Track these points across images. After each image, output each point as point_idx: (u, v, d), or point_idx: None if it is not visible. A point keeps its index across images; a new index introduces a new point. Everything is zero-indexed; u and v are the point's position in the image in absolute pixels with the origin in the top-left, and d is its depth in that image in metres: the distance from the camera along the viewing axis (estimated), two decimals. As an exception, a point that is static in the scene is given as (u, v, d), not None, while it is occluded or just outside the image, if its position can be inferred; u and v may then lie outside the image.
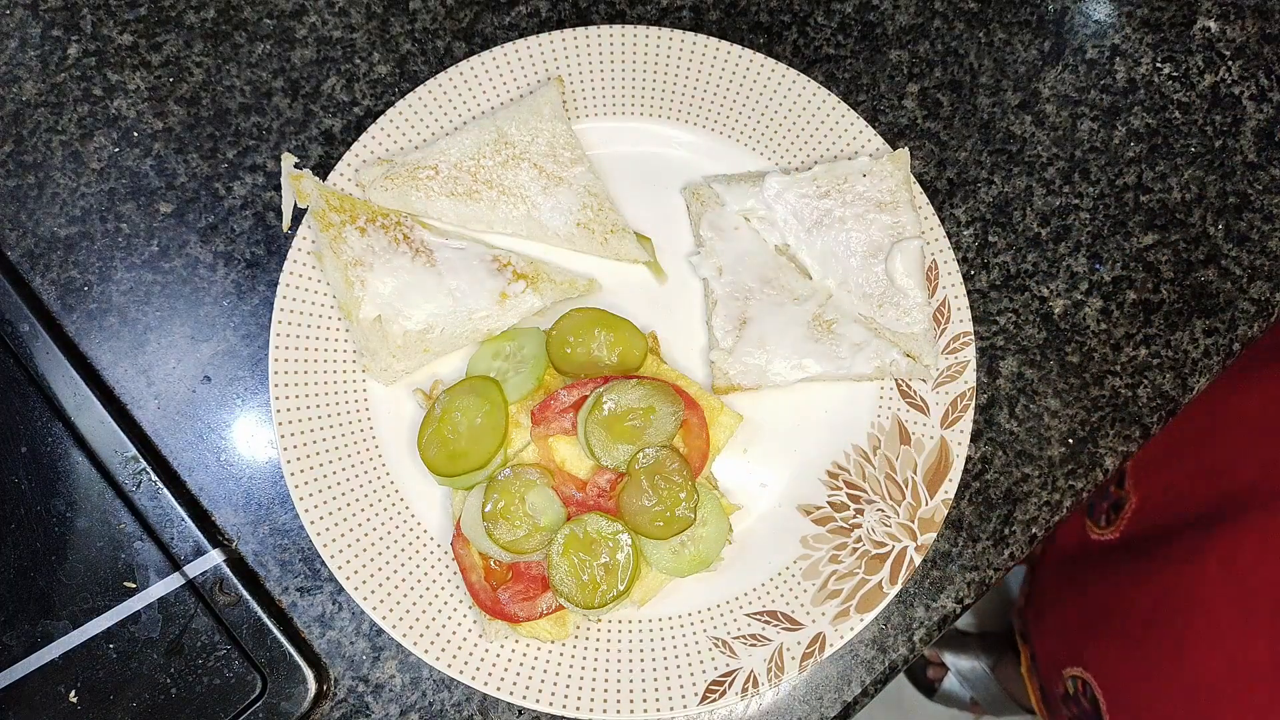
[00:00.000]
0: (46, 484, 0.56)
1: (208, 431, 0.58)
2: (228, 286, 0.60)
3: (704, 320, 0.60)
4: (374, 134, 0.59)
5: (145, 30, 0.63)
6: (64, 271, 0.60)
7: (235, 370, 0.59)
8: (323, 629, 0.57)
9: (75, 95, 0.62)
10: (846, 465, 0.58)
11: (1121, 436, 0.60)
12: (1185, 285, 0.62)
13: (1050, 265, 0.62)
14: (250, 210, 0.61)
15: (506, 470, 0.54)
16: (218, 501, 0.58)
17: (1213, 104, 0.64)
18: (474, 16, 0.64)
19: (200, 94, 0.62)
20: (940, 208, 0.62)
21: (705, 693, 0.54)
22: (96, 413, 0.57)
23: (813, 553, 0.56)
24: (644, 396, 0.55)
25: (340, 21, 0.63)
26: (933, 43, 0.65)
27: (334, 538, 0.55)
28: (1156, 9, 0.66)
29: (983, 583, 0.59)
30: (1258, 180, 0.63)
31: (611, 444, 0.55)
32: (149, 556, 0.55)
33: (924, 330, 0.57)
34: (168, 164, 0.61)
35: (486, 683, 0.54)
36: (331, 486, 0.55)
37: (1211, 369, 0.61)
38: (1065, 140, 0.64)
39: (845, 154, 0.61)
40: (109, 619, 0.54)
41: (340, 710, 0.56)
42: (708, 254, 0.59)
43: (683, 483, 0.54)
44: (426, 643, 0.54)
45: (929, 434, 0.57)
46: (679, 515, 0.54)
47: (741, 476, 0.58)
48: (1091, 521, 0.84)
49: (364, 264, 0.57)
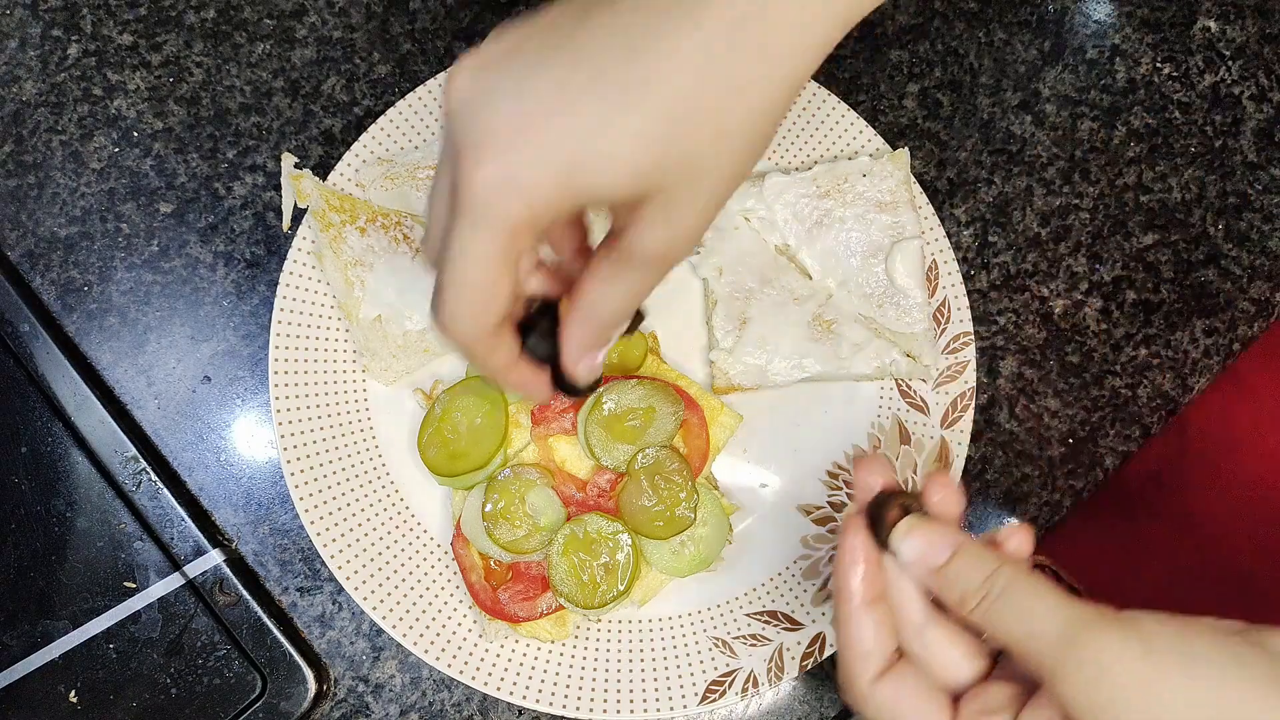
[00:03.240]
0: (46, 484, 0.56)
1: (208, 431, 0.58)
2: (228, 286, 0.60)
3: (704, 320, 0.60)
4: (374, 134, 0.59)
5: (145, 30, 0.63)
6: (64, 271, 0.60)
7: (235, 370, 0.59)
8: (323, 629, 0.57)
9: (75, 95, 0.62)
10: (846, 465, 0.58)
11: (1121, 436, 0.60)
12: (1185, 285, 0.62)
13: (1050, 265, 0.62)
14: (250, 210, 0.61)
15: (506, 470, 0.54)
16: (218, 501, 0.58)
17: (1213, 104, 0.64)
18: (474, 16, 0.64)
19: (200, 94, 0.62)
20: (940, 208, 0.62)
21: (705, 693, 0.54)
22: (96, 413, 0.57)
23: (813, 553, 0.56)
24: (644, 396, 0.55)
25: (340, 21, 0.63)
26: (933, 43, 0.65)
27: (334, 538, 0.55)
28: (1156, 9, 0.66)
29: (983, 583, 0.59)
30: (1258, 180, 0.63)
31: (611, 444, 0.55)
32: (149, 556, 0.55)
33: (924, 330, 0.57)
34: (168, 164, 0.61)
35: (486, 683, 0.54)
36: (331, 486, 0.55)
37: (1211, 369, 0.61)
38: (1065, 140, 0.64)
39: (845, 154, 0.61)
40: (109, 619, 0.55)
41: (340, 710, 0.56)
42: (708, 254, 0.59)
43: (683, 483, 0.54)
44: (426, 643, 0.54)
45: (929, 434, 0.57)
46: (679, 515, 0.54)
47: (741, 476, 0.58)
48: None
49: (364, 264, 0.57)
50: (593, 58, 0.29)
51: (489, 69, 0.31)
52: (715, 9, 0.29)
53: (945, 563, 0.33)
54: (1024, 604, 0.31)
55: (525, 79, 0.30)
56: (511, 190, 0.30)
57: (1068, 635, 0.29)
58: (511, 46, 0.31)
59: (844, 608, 0.35)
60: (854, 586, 0.35)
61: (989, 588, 0.32)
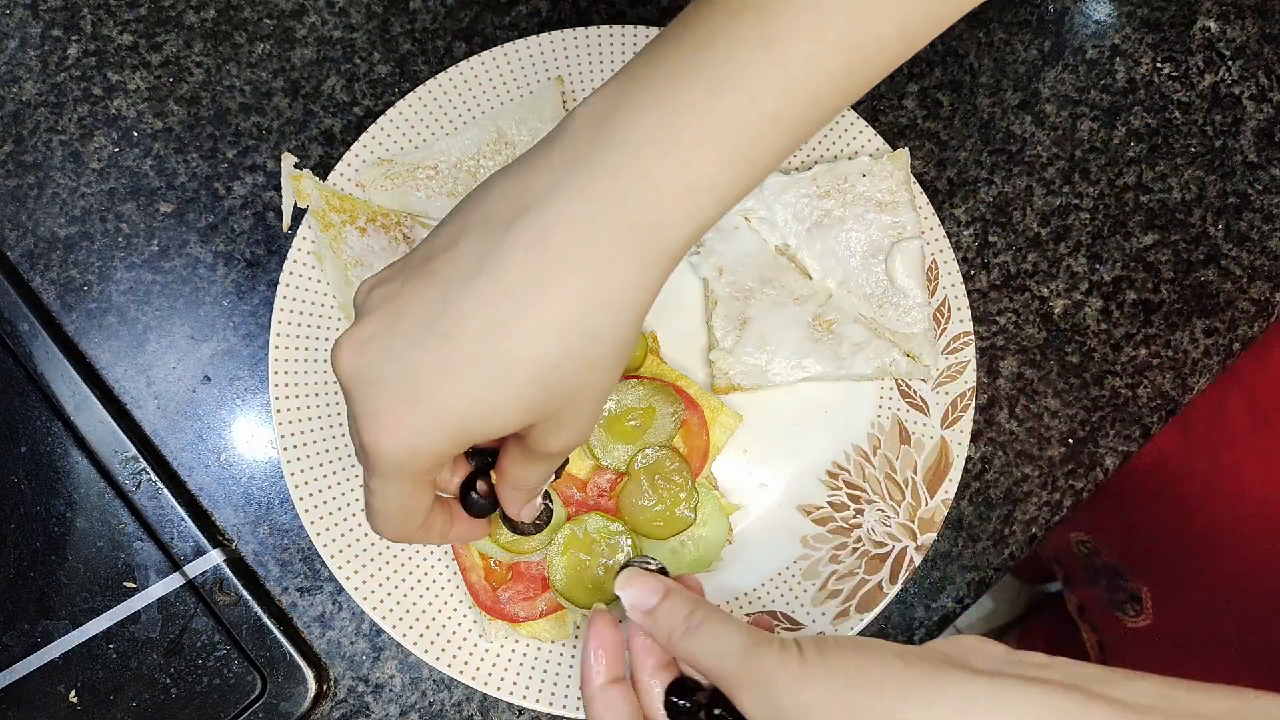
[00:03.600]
0: (46, 484, 0.56)
1: (208, 431, 0.58)
2: (228, 286, 0.60)
3: (704, 320, 0.60)
4: (374, 134, 0.59)
5: (145, 30, 0.63)
6: (64, 271, 0.60)
7: (235, 370, 0.59)
8: (323, 629, 0.57)
9: (75, 95, 0.62)
10: (846, 465, 0.58)
11: (1121, 436, 0.60)
12: (1185, 285, 0.62)
13: (1050, 265, 0.62)
14: (250, 210, 0.61)
15: (506, 470, 0.54)
16: (218, 501, 0.58)
17: (1213, 104, 0.64)
18: (474, 16, 0.64)
19: (200, 94, 0.62)
20: (940, 208, 0.62)
21: (705, 693, 0.54)
22: (96, 413, 0.57)
23: (813, 553, 0.56)
24: (644, 396, 0.55)
25: (340, 21, 0.63)
26: (933, 43, 0.65)
27: (334, 538, 0.55)
28: (1156, 9, 0.66)
29: (982, 582, 0.59)
30: (1258, 180, 0.63)
31: (611, 444, 0.55)
32: (149, 556, 0.55)
33: (924, 330, 0.57)
34: (168, 164, 0.61)
35: (486, 683, 0.54)
36: (331, 486, 0.55)
37: (1212, 369, 0.61)
38: (1065, 140, 0.64)
39: (845, 154, 0.61)
40: (109, 619, 0.55)
41: (340, 710, 0.56)
42: (708, 254, 0.59)
43: (683, 483, 0.54)
44: (426, 643, 0.54)
45: (929, 434, 0.57)
46: (679, 515, 0.54)
47: (741, 476, 0.58)
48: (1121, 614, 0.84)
49: (364, 264, 0.57)
50: (464, 341, 0.34)
51: (368, 347, 0.35)
52: (562, 290, 0.34)
53: (655, 605, 0.41)
54: (713, 632, 0.38)
55: (403, 359, 0.35)
56: (408, 453, 0.35)
57: (743, 655, 0.36)
58: (384, 326, 0.35)
59: (592, 683, 0.42)
60: (598, 663, 0.42)
61: (688, 624, 0.39)
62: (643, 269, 0.35)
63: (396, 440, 0.35)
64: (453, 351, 0.34)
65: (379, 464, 0.36)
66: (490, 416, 0.35)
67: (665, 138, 0.34)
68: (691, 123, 0.34)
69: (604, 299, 0.34)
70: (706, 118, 0.34)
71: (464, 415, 0.34)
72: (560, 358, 0.34)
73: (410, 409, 0.34)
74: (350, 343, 0.36)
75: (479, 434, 0.35)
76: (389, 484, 0.37)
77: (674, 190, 0.34)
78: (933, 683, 0.32)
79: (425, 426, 0.34)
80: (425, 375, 0.34)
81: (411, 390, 0.34)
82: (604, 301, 0.34)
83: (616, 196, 0.34)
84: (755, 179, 0.36)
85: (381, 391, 0.35)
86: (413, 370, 0.34)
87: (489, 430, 0.35)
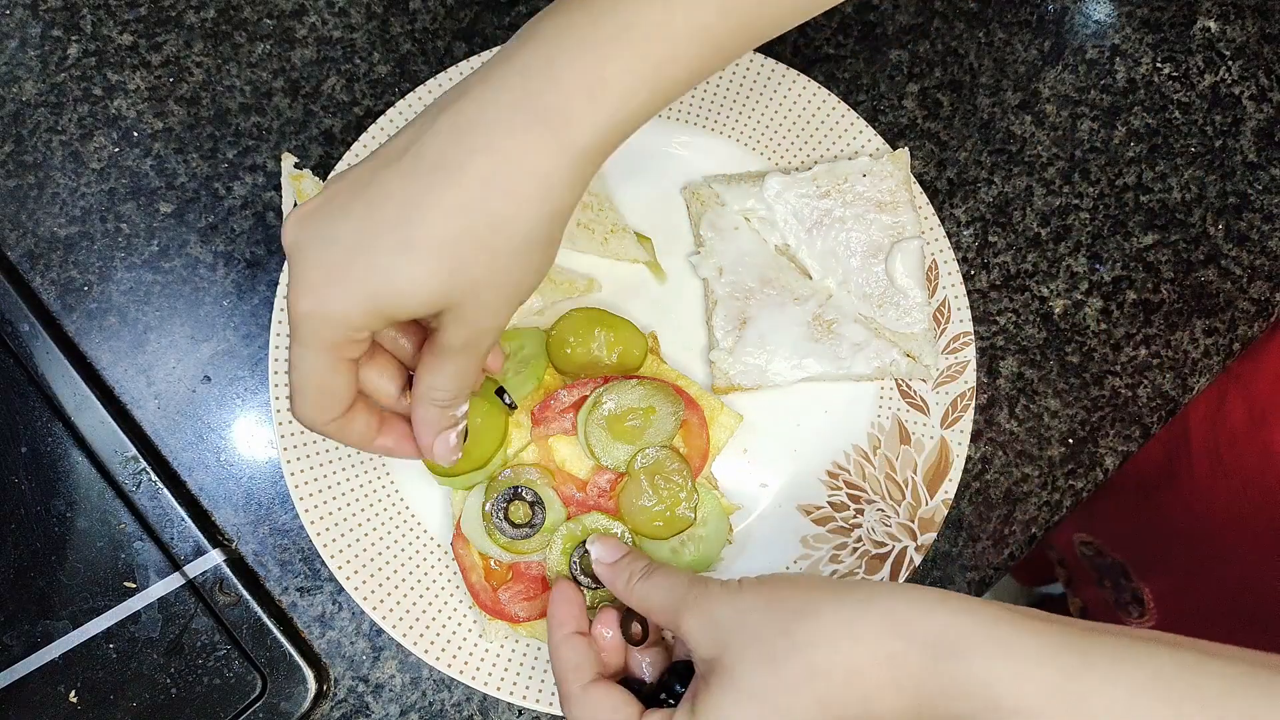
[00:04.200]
0: (46, 484, 0.56)
1: (208, 431, 0.58)
2: (228, 286, 0.60)
3: (704, 320, 0.60)
4: (374, 134, 0.59)
5: (145, 30, 0.63)
6: (64, 271, 0.60)
7: (235, 370, 0.59)
8: (323, 629, 0.57)
9: (75, 95, 0.62)
10: (846, 465, 0.58)
11: (1121, 436, 0.60)
12: (1185, 285, 0.62)
13: (1050, 265, 0.62)
14: (250, 210, 0.61)
15: (507, 470, 0.54)
16: (218, 501, 0.58)
17: (1213, 104, 0.64)
18: (474, 16, 0.64)
19: (200, 94, 0.62)
20: (940, 208, 0.62)
21: (705, 693, 0.54)
22: (96, 413, 0.57)
23: (813, 553, 0.56)
24: (644, 396, 0.55)
25: (340, 21, 0.63)
26: (933, 43, 0.65)
27: (334, 538, 0.55)
28: (1156, 9, 0.66)
29: (982, 582, 0.59)
30: (1258, 180, 0.63)
31: (611, 444, 0.55)
32: (149, 556, 0.55)
33: (924, 330, 0.57)
34: (168, 164, 0.61)
35: (486, 683, 0.54)
36: (331, 486, 0.55)
37: (1211, 369, 0.61)
38: (1065, 140, 0.64)
39: (845, 154, 0.61)
40: (109, 619, 0.55)
41: (340, 710, 0.56)
42: (708, 254, 0.59)
43: (683, 483, 0.54)
44: (426, 643, 0.54)
45: (929, 434, 0.57)
46: (679, 515, 0.54)
47: (741, 476, 0.58)
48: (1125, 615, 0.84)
49: (364, 264, 0.57)
50: (380, 213, 0.37)
51: (308, 219, 0.38)
52: (471, 169, 0.36)
53: (616, 560, 0.47)
54: (661, 579, 0.44)
55: (332, 228, 0.38)
56: (324, 318, 0.38)
57: (688, 587, 0.42)
58: (325, 200, 0.39)
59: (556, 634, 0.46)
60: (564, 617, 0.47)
61: (644, 573, 0.45)
62: (552, 160, 0.37)
63: (311, 303, 0.37)
64: (370, 221, 0.37)
65: (296, 328, 0.38)
66: (399, 287, 0.37)
67: (579, 36, 0.37)
68: (602, 24, 0.37)
69: (509, 185, 0.36)
70: (617, 19, 0.37)
71: (375, 289, 0.37)
72: (460, 234, 0.36)
73: (328, 273, 0.37)
74: (294, 216, 0.39)
75: (389, 306, 0.37)
76: (306, 352, 0.39)
77: (584, 83, 0.37)
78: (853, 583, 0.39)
79: (337, 291, 0.37)
80: (346, 242, 0.37)
81: (333, 257, 0.37)
82: (508, 188, 0.36)
83: (532, 88, 0.37)
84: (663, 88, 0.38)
85: (309, 256, 0.38)
86: (337, 239, 0.37)
87: (397, 308, 0.37)
